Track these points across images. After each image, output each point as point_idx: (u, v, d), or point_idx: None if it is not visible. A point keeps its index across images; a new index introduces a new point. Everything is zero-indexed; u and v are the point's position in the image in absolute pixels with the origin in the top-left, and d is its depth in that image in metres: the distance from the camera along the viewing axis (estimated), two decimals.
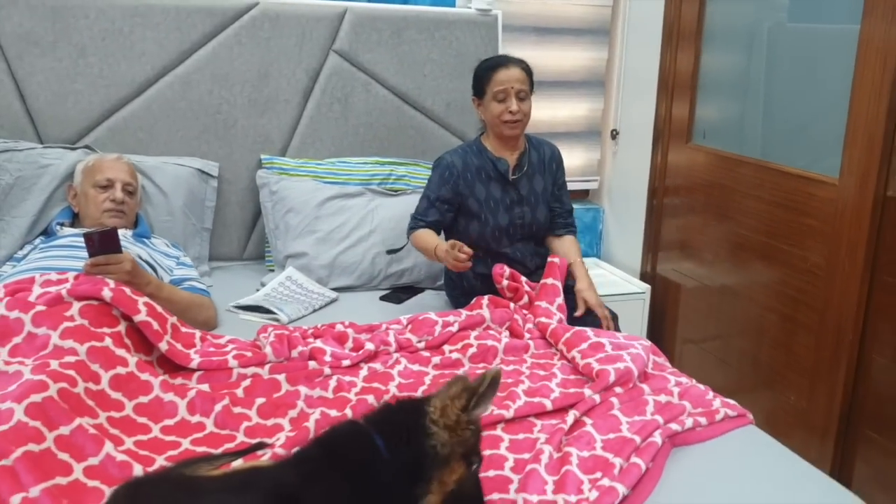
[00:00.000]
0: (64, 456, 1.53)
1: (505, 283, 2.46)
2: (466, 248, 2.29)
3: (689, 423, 1.82)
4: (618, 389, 1.94)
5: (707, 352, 3.14)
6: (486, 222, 2.54)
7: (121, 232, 2.48)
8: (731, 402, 1.95)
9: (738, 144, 3.01)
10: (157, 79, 2.79)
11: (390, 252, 2.75)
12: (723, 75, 3.09)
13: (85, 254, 2.23)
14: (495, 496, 1.52)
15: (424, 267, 2.82)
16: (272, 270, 2.84)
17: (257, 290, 2.65)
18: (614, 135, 3.60)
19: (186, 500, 1.28)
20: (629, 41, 3.46)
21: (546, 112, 3.45)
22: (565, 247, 2.66)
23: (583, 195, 3.80)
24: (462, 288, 2.61)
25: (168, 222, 2.71)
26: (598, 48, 3.48)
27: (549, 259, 2.53)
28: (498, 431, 1.78)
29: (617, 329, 2.49)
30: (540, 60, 3.30)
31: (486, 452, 1.58)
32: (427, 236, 2.49)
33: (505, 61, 2.49)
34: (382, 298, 2.72)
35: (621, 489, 1.52)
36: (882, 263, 2.35)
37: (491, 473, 1.61)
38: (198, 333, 2.09)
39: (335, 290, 2.71)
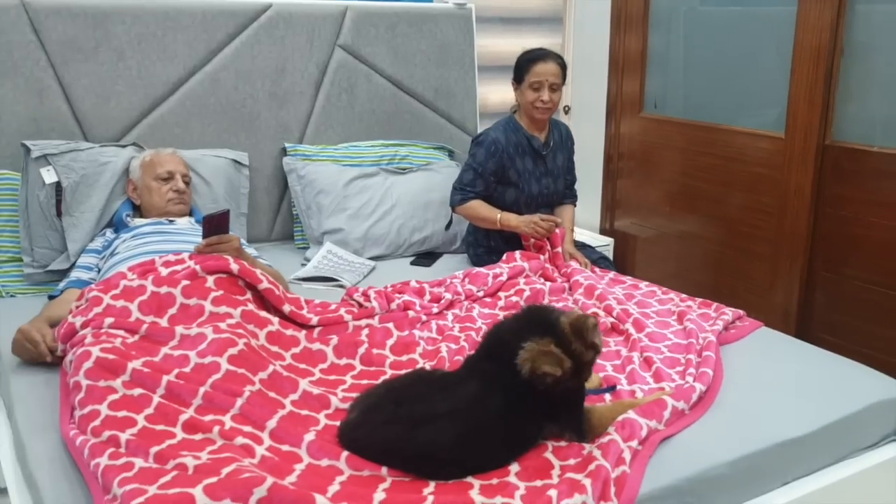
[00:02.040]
0: (272, 394, 1.84)
1: (532, 240, 2.90)
2: (552, 218, 2.79)
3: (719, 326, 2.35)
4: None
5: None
6: (523, 190, 2.96)
7: (184, 220, 2.74)
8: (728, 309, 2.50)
9: (690, 111, 3.58)
10: (189, 77, 3.02)
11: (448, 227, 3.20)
12: (672, 52, 3.64)
13: (174, 237, 2.51)
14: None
15: (441, 234, 3.21)
16: (304, 248, 3.15)
17: (303, 265, 2.95)
18: (567, 110, 4.10)
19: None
20: (580, 27, 3.96)
21: (513, 94, 3.89)
22: (564, 214, 3.11)
23: None
24: (487, 246, 3.02)
25: (214, 209, 2.94)
26: (553, 34, 3.96)
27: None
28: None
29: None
30: (505, 47, 3.74)
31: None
32: (484, 207, 2.91)
33: (544, 55, 2.89)
34: (413, 263, 3.10)
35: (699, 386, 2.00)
36: (824, 198, 2.98)
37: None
38: (302, 298, 2.41)
39: (370, 259, 3.06)
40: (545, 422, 1.71)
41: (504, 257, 2.89)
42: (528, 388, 1.63)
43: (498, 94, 3.84)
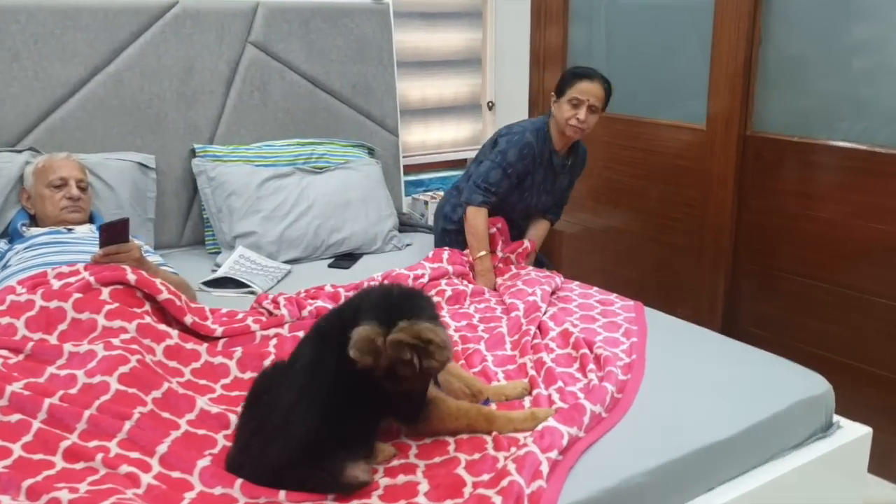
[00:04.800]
0: (166, 414, 1.73)
1: (493, 230, 2.84)
2: None
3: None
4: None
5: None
6: (523, 200, 2.87)
7: (84, 227, 2.60)
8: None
9: (612, 105, 3.53)
10: (90, 78, 2.87)
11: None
12: (593, 45, 3.60)
13: (71, 247, 2.38)
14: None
15: (360, 235, 3.11)
16: (217, 252, 3.02)
17: (213, 272, 2.83)
18: (490, 106, 4.04)
19: None
20: (500, 21, 3.90)
21: (433, 90, 3.84)
22: (536, 228, 3.04)
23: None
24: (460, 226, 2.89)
25: (117, 215, 2.79)
26: (473, 29, 3.89)
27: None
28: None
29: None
30: (426, 43, 3.67)
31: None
32: (484, 227, 2.76)
33: (591, 75, 2.71)
34: (331, 266, 2.99)
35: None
36: (747, 189, 2.97)
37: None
38: (206, 307, 2.30)
39: (286, 262, 2.95)
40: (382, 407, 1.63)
41: (430, 254, 2.82)
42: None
43: (418, 90, 3.77)
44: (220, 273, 2.73)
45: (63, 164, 2.59)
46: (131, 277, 2.09)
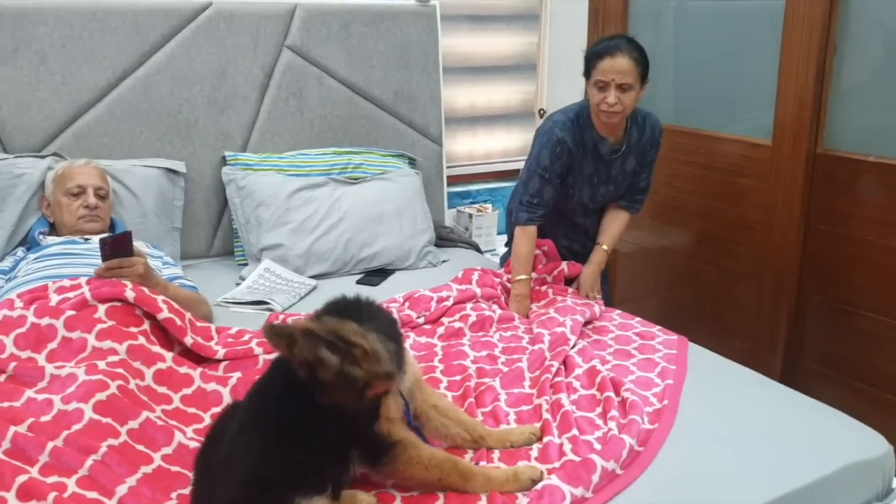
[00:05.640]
0: (141, 447, 1.61)
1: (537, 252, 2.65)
2: None
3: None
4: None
5: (648, 308, 3.42)
6: (571, 196, 2.61)
7: (102, 237, 2.52)
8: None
9: (669, 115, 3.29)
10: (119, 82, 2.79)
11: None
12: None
13: (84, 259, 2.28)
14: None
15: (393, 250, 2.96)
16: (244, 264, 2.91)
17: (237, 285, 2.72)
18: (542, 114, 3.83)
19: None
20: (556, 25, 3.70)
21: (482, 97, 3.66)
22: (609, 223, 2.73)
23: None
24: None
25: (141, 224, 2.73)
26: (528, 33, 3.70)
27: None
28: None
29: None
30: (475, 48, 3.49)
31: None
32: (526, 248, 2.55)
33: (613, 50, 2.37)
34: (359, 282, 2.85)
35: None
36: (815, 213, 2.68)
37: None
38: (213, 327, 2.18)
39: (312, 277, 2.82)
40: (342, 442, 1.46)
41: (460, 274, 2.64)
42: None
43: (466, 97, 3.60)
44: (239, 292, 2.61)
45: (81, 172, 2.52)
46: (130, 294, 1.99)
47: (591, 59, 2.44)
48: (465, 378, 1.99)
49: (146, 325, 1.99)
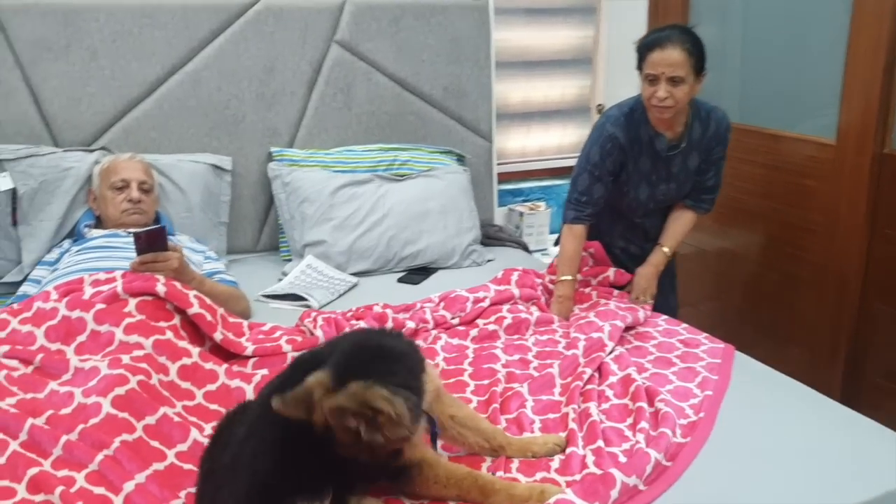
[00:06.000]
0: (155, 443, 1.60)
1: (590, 255, 2.60)
2: None
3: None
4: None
5: (705, 314, 3.29)
6: (626, 194, 2.49)
7: (136, 231, 2.54)
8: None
9: (732, 112, 3.14)
10: (167, 77, 2.82)
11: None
12: (713, 46, 3.21)
13: (124, 252, 2.30)
14: None
15: (437, 248, 2.91)
16: (289, 260, 2.91)
17: (279, 280, 2.72)
18: (600, 109, 3.72)
19: None
20: (615, 18, 3.58)
21: (537, 92, 3.57)
22: (672, 224, 2.59)
23: None
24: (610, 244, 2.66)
25: (187, 219, 2.76)
26: (585, 26, 3.60)
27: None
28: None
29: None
30: (531, 41, 3.41)
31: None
32: (572, 247, 2.46)
33: (663, 41, 2.25)
34: (400, 280, 2.81)
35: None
36: (881, 217, 2.52)
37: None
38: (245, 323, 2.17)
39: (354, 274, 2.79)
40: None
41: (500, 274, 2.58)
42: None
43: (520, 92, 3.51)
44: (281, 287, 2.61)
45: (126, 166, 2.54)
46: (161, 289, 1.99)
47: (642, 51, 2.32)
48: (493, 383, 1.93)
49: (176, 321, 1.99)
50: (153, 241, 2.11)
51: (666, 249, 2.57)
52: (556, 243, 2.75)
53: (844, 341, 2.64)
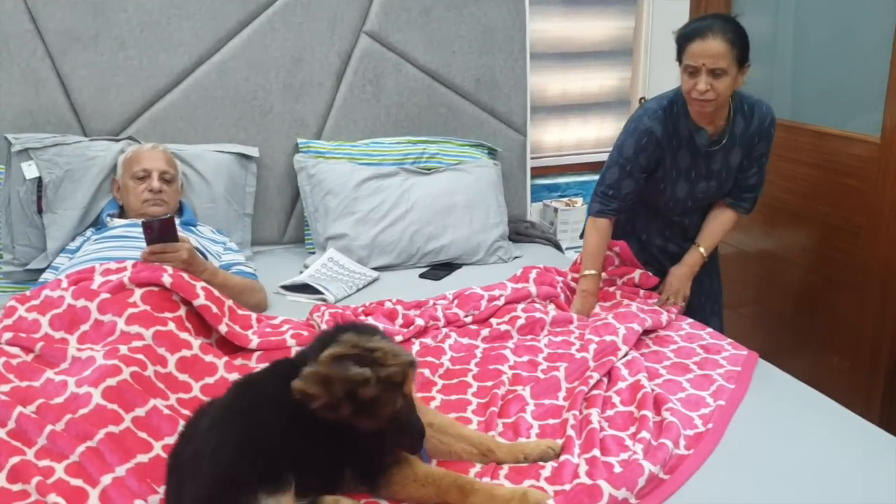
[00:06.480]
0: (143, 435, 1.59)
1: (615, 254, 2.52)
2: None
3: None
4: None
5: (746, 317, 3.16)
6: (663, 192, 2.40)
7: (145, 220, 2.54)
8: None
9: (783, 109, 3.00)
10: (195, 68, 2.83)
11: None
12: (755, 38, 3.07)
13: (140, 242, 2.30)
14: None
15: (461, 243, 2.85)
16: (313, 253, 2.89)
17: (300, 273, 2.70)
18: (642, 102, 3.60)
19: None
20: (657, 8, 3.46)
21: (575, 84, 3.48)
22: (710, 223, 2.49)
23: None
24: (638, 240, 2.58)
25: (211, 209, 2.76)
26: (625, 16, 3.49)
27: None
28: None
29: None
30: (568, 32, 3.32)
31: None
32: (596, 241, 2.38)
33: (704, 31, 2.14)
34: (422, 276, 2.76)
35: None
36: None
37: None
38: (253, 315, 2.15)
39: (375, 269, 2.76)
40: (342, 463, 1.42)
41: (519, 272, 2.51)
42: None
43: (557, 84, 3.42)
44: (296, 279, 2.59)
45: (148, 156, 2.55)
46: (167, 280, 1.98)
47: (681, 42, 2.22)
48: (497, 384, 1.87)
49: (181, 312, 1.98)
50: (162, 231, 2.10)
51: (702, 250, 2.47)
52: (581, 236, 2.67)
53: (887, 349, 2.49)
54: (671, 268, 2.47)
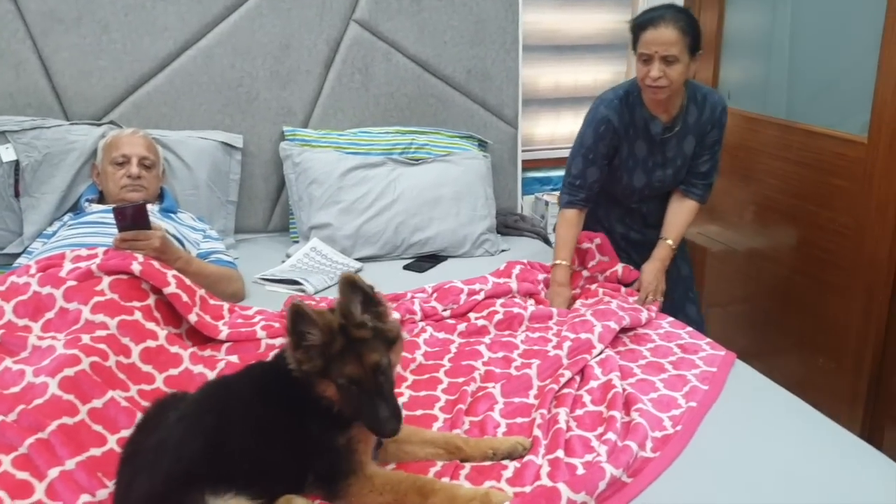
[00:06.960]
0: (98, 428, 1.56)
1: (590, 245, 2.49)
2: None
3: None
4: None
5: (732, 316, 3.12)
6: (619, 180, 2.43)
7: (117, 206, 2.51)
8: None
9: (763, 105, 2.96)
10: (180, 53, 2.79)
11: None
12: (747, 35, 3.03)
13: (115, 229, 2.27)
14: None
15: (447, 235, 2.82)
16: (297, 242, 2.86)
17: (283, 262, 2.67)
18: None
19: None
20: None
21: (568, 77, 3.43)
22: (674, 215, 2.49)
23: None
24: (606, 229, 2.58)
25: (193, 196, 2.73)
26: (621, 9, 3.43)
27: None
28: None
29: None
30: (562, 24, 3.27)
31: None
32: (567, 233, 2.42)
33: (656, 20, 2.19)
34: (406, 268, 2.73)
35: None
36: None
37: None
38: (226, 305, 2.12)
39: (359, 259, 2.73)
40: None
41: (502, 267, 2.48)
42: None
43: (550, 77, 3.37)
44: (280, 270, 2.56)
45: (128, 141, 2.52)
46: (136, 267, 1.95)
47: (636, 31, 2.27)
48: (467, 381, 1.84)
49: (150, 301, 1.95)
50: (135, 217, 2.07)
51: (670, 241, 2.48)
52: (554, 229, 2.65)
53: (870, 351, 2.45)
54: (643, 265, 2.46)
